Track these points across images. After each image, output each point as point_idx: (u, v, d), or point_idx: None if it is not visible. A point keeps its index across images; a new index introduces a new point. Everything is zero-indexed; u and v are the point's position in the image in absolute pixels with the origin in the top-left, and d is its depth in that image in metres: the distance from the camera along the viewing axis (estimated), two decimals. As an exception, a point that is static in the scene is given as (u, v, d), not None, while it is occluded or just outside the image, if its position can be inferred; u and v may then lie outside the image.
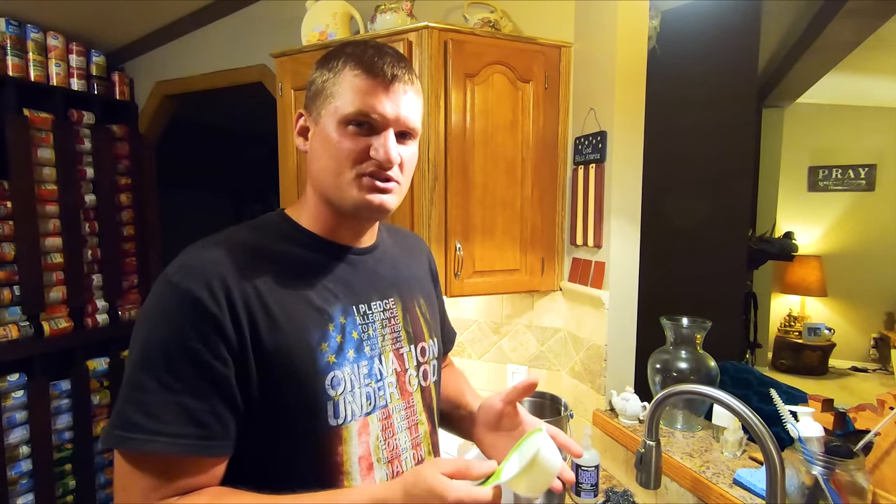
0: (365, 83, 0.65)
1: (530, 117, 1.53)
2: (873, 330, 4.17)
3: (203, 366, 0.58)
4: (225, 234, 0.68)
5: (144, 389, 0.57)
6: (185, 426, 0.57)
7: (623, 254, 1.45)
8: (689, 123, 2.34)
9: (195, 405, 0.58)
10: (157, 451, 0.57)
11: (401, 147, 0.69)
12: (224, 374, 0.59)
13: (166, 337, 0.58)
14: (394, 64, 0.67)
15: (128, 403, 0.58)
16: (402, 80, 0.67)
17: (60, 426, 2.22)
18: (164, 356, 0.58)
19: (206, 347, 0.58)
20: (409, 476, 0.56)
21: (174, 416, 0.57)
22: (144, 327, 0.60)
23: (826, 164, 4.29)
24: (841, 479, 0.83)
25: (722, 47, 2.40)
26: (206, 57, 2.35)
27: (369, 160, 0.66)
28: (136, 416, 0.57)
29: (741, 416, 0.80)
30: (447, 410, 0.91)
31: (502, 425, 0.79)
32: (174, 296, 0.59)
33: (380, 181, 0.67)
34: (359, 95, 0.65)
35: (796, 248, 3.73)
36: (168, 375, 0.57)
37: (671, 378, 1.31)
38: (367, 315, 0.72)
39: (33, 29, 2.15)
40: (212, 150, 4.21)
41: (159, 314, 0.60)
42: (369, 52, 0.67)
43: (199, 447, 0.58)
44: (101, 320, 2.37)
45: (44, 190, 2.13)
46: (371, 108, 0.65)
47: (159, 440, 0.56)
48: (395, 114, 0.67)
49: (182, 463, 0.58)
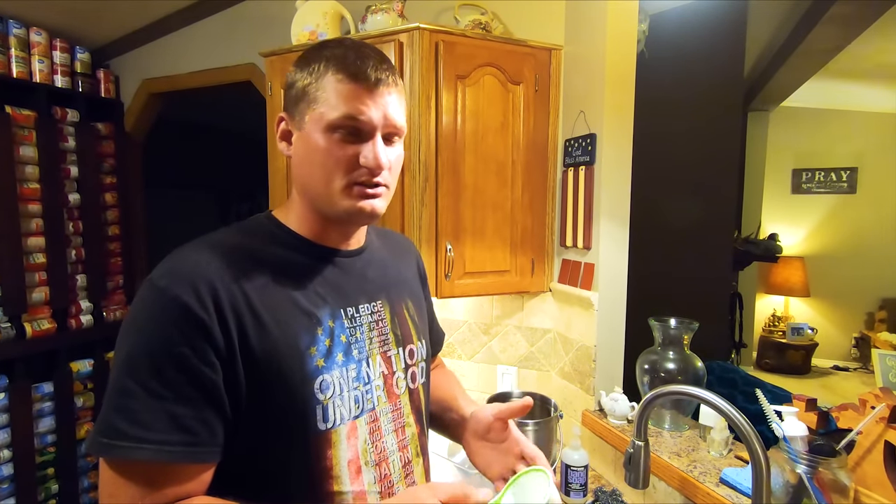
0: (348, 88, 0.65)
1: (521, 119, 1.54)
2: (854, 329, 4.26)
3: (190, 371, 0.57)
4: (212, 237, 0.67)
5: (130, 395, 0.56)
6: (172, 433, 0.56)
7: (612, 255, 1.46)
8: (676, 126, 2.37)
9: (182, 411, 0.57)
10: (143, 459, 0.56)
11: (388, 149, 0.68)
12: (212, 379, 0.58)
13: (152, 342, 0.57)
14: (377, 67, 0.66)
15: (113, 410, 0.56)
16: (387, 83, 0.66)
17: (43, 429, 2.18)
18: (150, 362, 0.57)
19: (193, 353, 0.57)
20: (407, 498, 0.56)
21: (160, 423, 0.56)
22: (130, 332, 0.59)
23: (809, 166, 4.37)
24: (824, 477, 0.85)
25: (709, 51, 2.43)
26: (194, 55, 2.32)
27: (359, 168, 0.66)
28: (122, 424, 0.55)
29: (727, 416, 0.81)
30: (438, 413, 0.91)
31: (490, 437, 0.80)
32: (160, 300, 0.58)
33: (369, 188, 0.67)
34: (343, 101, 0.64)
35: (780, 250, 3.79)
36: (154, 381, 0.56)
37: (659, 378, 1.32)
38: (355, 318, 0.72)
39: (16, 25, 2.11)
40: (199, 149, 4.17)
41: (145, 319, 0.59)
42: (351, 56, 0.66)
43: (186, 454, 0.57)
44: (86, 321, 2.34)
45: (26, 189, 2.09)
46: (357, 112, 0.65)
47: (145, 448, 0.55)
48: (381, 117, 0.66)
49: (169, 470, 0.57)
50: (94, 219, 2.38)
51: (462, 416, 0.86)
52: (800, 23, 2.69)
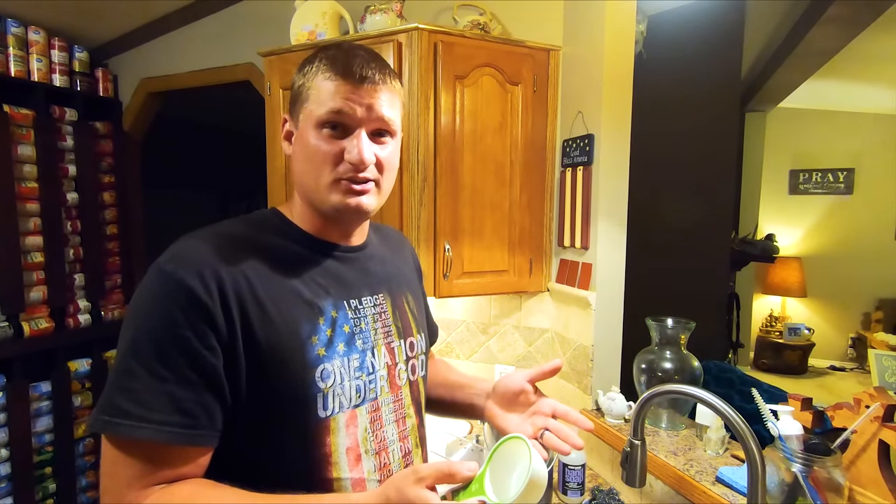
0: (333, 84, 0.66)
1: (519, 120, 1.54)
2: (851, 330, 4.28)
3: (192, 355, 0.58)
4: (218, 226, 0.69)
5: (133, 376, 0.57)
6: (172, 415, 0.57)
7: (610, 255, 1.47)
8: (674, 127, 2.38)
9: (182, 394, 0.58)
10: (143, 438, 0.57)
11: (377, 147, 0.69)
12: (213, 364, 0.59)
13: (156, 325, 0.59)
14: (363, 64, 0.67)
15: (116, 389, 0.58)
16: (373, 80, 0.67)
17: (40, 429, 2.17)
18: (153, 344, 0.58)
19: (195, 336, 0.58)
20: (391, 490, 0.55)
21: (161, 405, 0.57)
22: (135, 315, 0.60)
23: (807, 167, 4.39)
24: (819, 475, 0.86)
25: (706, 52, 2.44)
26: (193, 54, 2.32)
27: (344, 163, 0.67)
28: (124, 403, 0.57)
29: (724, 415, 0.82)
30: (447, 395, 0.92)
31: (519, 401, 0.81)
32: (166, 284, 0.60)
33: (356, 183, 0.68)
34: (328, 96, 0.66)
35: (777, 250, 3.80)
36: (157, 363, 0.58)
37: (656, 378, 1.33)
38: (359, 309, 0.73)
39: (14, 23, 2.11)
40: (197, 148, 4.16)
41: (150, 302, 0.60)
42: (340, 55, 0.68)
43: (185, 436, 0.58)
44: (84, 321, 2.33)
45: (24, 188, 2.08)
46: (339, 107, 0.66)
47: (145, 427, 0.56)
48: (364, 112, 0.67)
49: (167, 451, 0.59)
50: (93, 218, 2.38)
51: (482, 390, 0.87)
52: (797, 24, 2.70)
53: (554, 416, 0.78)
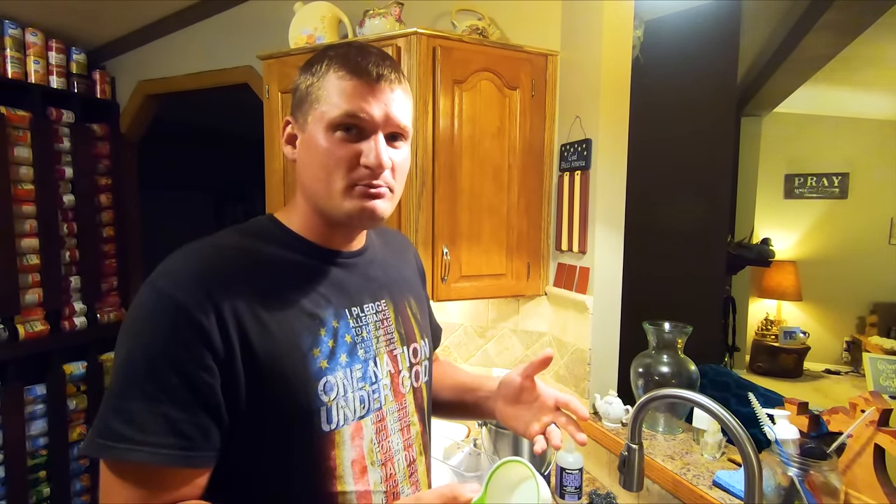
0: (350, 84, 0.64)
1: (517, 124, 1.55)
2: (846, 333, 4.30)
3: (187, 375, 0.56)
4: (212, 239, 0.66)
5: (127, 398, 0.56)
6: (167, 436, 0.56)
7: (607, 259, 1.47)
8: (671, 131, 2.39)
9: (177, 415, 0.56)
10: (138, 461, 0.55)
11: (392, 150, 0.67)
12: (209, 383, 0.58)
13: (150, 345, 0.57)
14: (378, 63, 0.65)
15: (110, 412, 0.56)
16: (389, 79, 0.65)
17: (35, 432, 2.16)
18: (147, 365, 0.56)
19: (190, 357, 0.57)
20: None
21: (156, 426, 0.55)
22: (129, 335, 0.59)
23: (802, 172, 4.41)
24: (815, 479, 0.86)
25: (703, 57, 2.45)
26: (191, 57, 2.32)
27: (360, 167, 0.65)
28: (118, 425, 0.55)
29: (720, 420, 0.82)
30: (456, 397, 0.91)
31: (522, 398, 0.80)
32: (159, 303, 0.58)
33: (371, 188, 0.66)
34: (344, 97, 0.63)
35: (773, 254, 3.82)
36: (151, 384, 0.56)
37: (653, 382, 1.33)
38: (361, 318, 0.71)
39: (11, 25, 2.10)
40: (195, 151, 4.16)
41: (144, 322, 0.58)
42: (352, 53, 0.65)
43: (181, 458, 0.57)
44: (79, 323, 2.32)
45: (20, 190, 2.07)
46: (358, 109, 0.63)
47: (139, 450, 0.55)
48: (383, 114, 0.65)
49: (163, 474, 0.57)
50: (89, 220, 2.37)
51: (489, 390, 0.86)
52: (793, 29, 2.73)
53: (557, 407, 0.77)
